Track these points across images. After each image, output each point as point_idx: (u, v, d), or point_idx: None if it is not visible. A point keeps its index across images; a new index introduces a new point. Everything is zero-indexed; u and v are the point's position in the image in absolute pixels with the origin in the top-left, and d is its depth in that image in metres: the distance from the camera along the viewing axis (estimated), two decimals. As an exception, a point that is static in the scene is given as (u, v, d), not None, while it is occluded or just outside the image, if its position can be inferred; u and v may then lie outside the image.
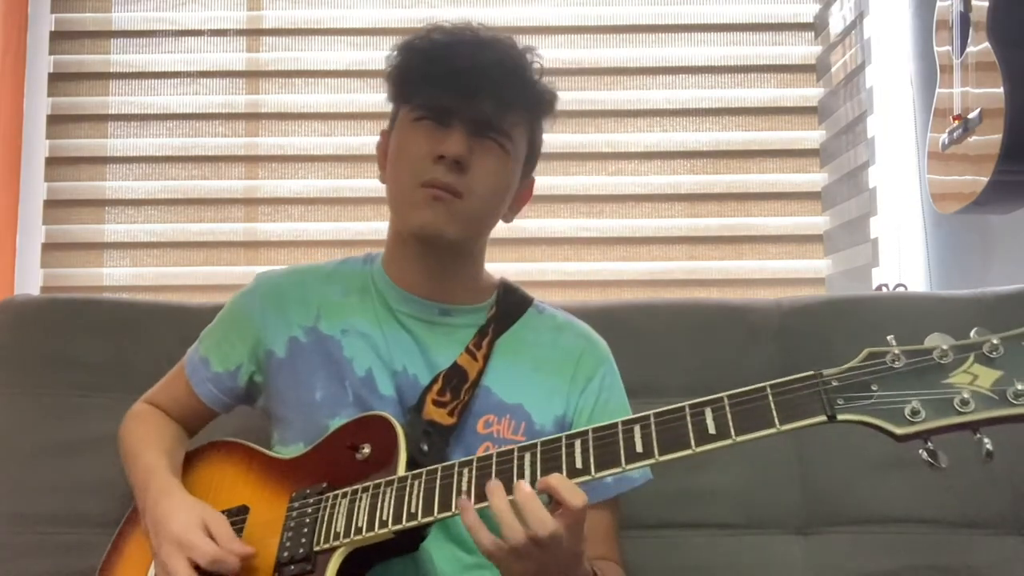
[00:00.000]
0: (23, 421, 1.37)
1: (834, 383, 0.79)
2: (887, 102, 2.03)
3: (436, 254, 1.11)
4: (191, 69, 2.22)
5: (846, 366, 0.80)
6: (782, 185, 2.17)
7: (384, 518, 0.91)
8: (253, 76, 2.23)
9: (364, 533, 0.91)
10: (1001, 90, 1.40)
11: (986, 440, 0.74)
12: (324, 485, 0.99)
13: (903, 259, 1.99)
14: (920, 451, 0.76)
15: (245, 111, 2.21)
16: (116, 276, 2.15)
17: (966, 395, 0.74)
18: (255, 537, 1.00)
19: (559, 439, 0.88)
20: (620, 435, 0.85)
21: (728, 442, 0.81)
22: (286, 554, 0.95)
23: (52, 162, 2.17)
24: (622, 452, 0.84)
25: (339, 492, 0.97)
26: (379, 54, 2.21)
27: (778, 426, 0.79)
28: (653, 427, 0.84)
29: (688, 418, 0.83)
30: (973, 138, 1.49)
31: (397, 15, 2.24)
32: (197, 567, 0.93)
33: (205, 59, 2.23)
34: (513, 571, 0.86)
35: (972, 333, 0.77)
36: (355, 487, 0.96)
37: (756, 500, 1.33)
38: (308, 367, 1.11)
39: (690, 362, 1.40)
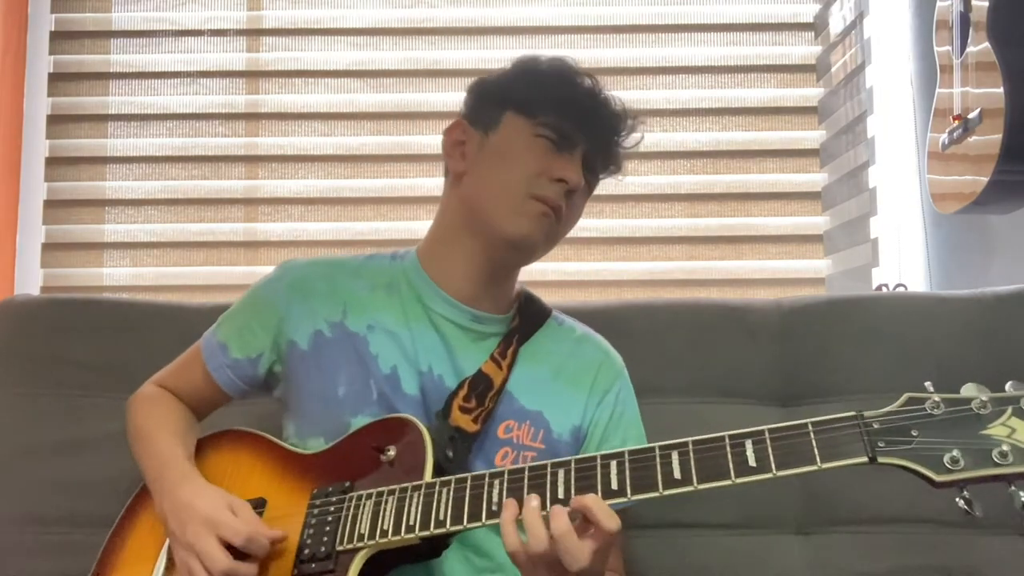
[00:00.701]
0: (23, 421, 1.37)
1: (875, 425, 0.81)
2: (887, 102, 2.03)
3: (503, 264, 1.14)
4: (191, 69, 2.22)
5: (886, 409, 0.82)
6: (782, 185, 2.17)
7: (411, 523, 0.91)
8: (253, 76, 2.23)
9: (390, 536, 0.91)
10: (1001, 90, 1.40)
11: (1022, 493, 0.77)
12: (347, 484, 0.99)
13: (903, 259, 1.99)
14: (957, 499, 0.80)
15: (245, 111, 2.21)
16: (116, 276, 2.15)
17: (1005, 448, 0.77)
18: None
19: (594, 458, 0.88)
20: (658, 460, 0.86)
21: (768, 476, 0.82)
22: (307, 551, 0.94)
23: (52, 162, 2.17)
24: (659, 477, 0.85)
25: (363, 493, 0.96)
26: (379, 54, 2.21)
27: (819, 464, 0.81)
28: (692, 454, 0.85)
29: (728, 448, 0.84)
30: (973, 138, 1.49)
31: (397, 15, 2.24)
32: (227, 547, 0.93)
33: (205, 59, 2.23)
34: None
35: (1008, 386, 0.80)
36: (380, 489, 0.95)
37: (756, 500, 1.33)
38: (332, 362, 1.11)
39: (690, 362, 1.40)
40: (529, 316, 1.18)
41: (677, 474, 0.84)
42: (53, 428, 1.36)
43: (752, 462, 0.82)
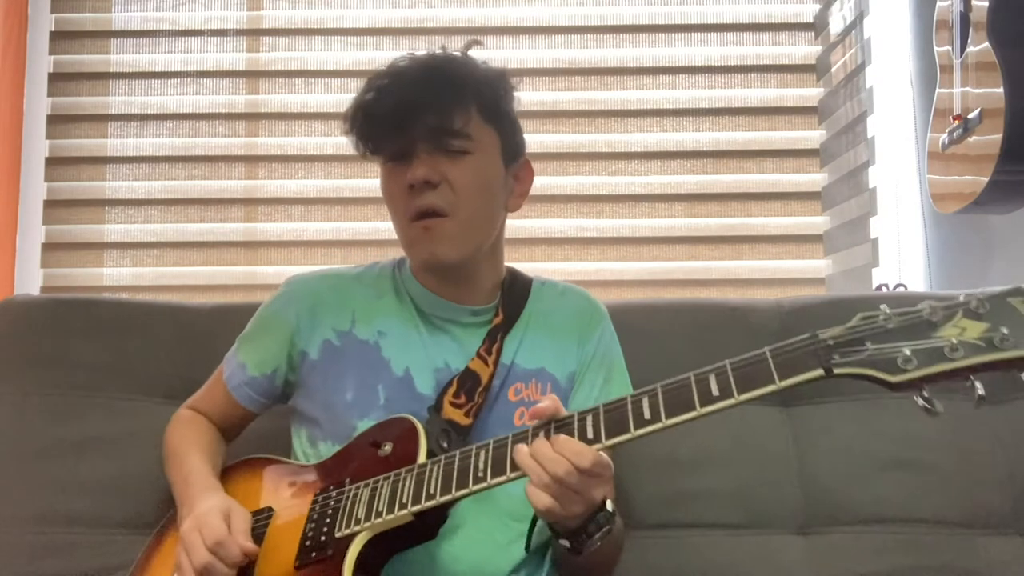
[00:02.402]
0: (23, 421, 1.37)
1: (830, 342, 0.83)
2: (887, 102, 2.03)
3: (451, 271, 1.15)
4: (191, 69, 2.22)
5: (841, 327, 0.84)
6: (782, 185, 2.17)
7: (404, 500, 0.93)
8: (253, 76, 2.23)
9: (384, 516, 0.93)
10: (1001, 90, 1.40)
11: (978, 385, 0.77)
12: (347, 480, 1.02)
13: (903, 259, 1.99)
14: (916, 398, 0.79)
15: (245, 111, 2.21)
16: (116, 276, 2.16)
17: (955, 342, 0.77)
18: (278, 535, 1.01)
19: (571, 416, 0.92)
20: (630, 405, 0.89)
21: (731, 401, 0.84)
22: (308, 543, 0.97)
23: (52, 162, 2.17)
24: (631, 419, 0.88)
25: (360, 483, 0.99)
26: (379, 54, 2.21)
27: (777, 382, 0.82)
28: (660, 396, 0.88)
29: (693, 384, 0.87)
30: (973, 138, 1.49)
31: (397, 15, 2.24)
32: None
33: (205, 59, 2.23)
34: (571, 508, 0.89)
35: (960, 296, 0.81)
36: (376, 477, 0.98)
37: (756, 500, 1.33)
38: (339, 369, 1.14)
39: (690, 362, 1.38)
40: (514, 290, 1.21)
41: (647, 414, 0.87)
42: (53, 428, 1.36)
43: (715, 391, 0.85)
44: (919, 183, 1.95)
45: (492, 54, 2.18)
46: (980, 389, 0.77)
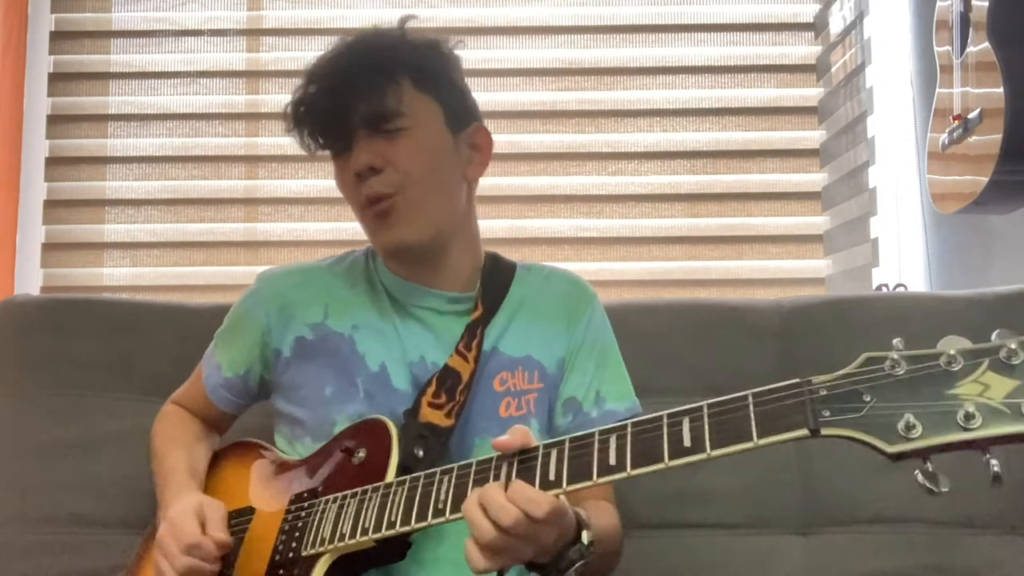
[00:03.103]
0: (23, 421, 1.37)
1: (823, 392, 0.70)
2: (887, 102, 2.03)
3: (419, 255, 1.12)
4: (191, 69, 2.22)
5: (839, 372, 0.71)
6: (782, 185, 2.17)
7: (366, 525, 0.91)
8: (253, 76, 2.23)
9: (347, 540, 0.92)
10: (1001, 90, 1.40)
11: (994, 461, 0.64)
12: (319, 488, 1.00)
13: (903, 259, 1.99)
14: (916, 472, 0.67)
15: (245, 111, 2.21)
16: (116, 276, 2.15)
17: (971, 408, 0.63)
18: (257, 537, 1.01)
19: (536, 449, 0.86)
20: (596, 446, 0.81)
21: (702, 456, 0.74)
22: (278, 557, 0.96)
23: (52, 162, 2.17)
24: (595, 465, 0.80)
25: (331, 497, 0.97)
26: (379, 54, 2.21)
27: (755, 440, 0.71)
28: (629, 438, 0.80)
29: (664, 428, 0.78)
30: (973, 138, 1.49)
31: (397, 15, 2.21)
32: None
33: (205, 59, 2.23)
34: (519, 556, 0.83)
35: (993, 336, 0.66)
36: (344, 493, 0.96)
37: (756, 500, 1.33)
38: (316, 363, 1.12)
39: (690, 362, 1.40)
40: (494, 278, 1.17)
41: (612, 460, 0.79)
42: (53, 428, 1.36)
43: (687, 442, 0.74)
44: (919, 183, 1.95)
45: (492, 54, 2.21)
46: (996, 466, 0.63)
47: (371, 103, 1.06)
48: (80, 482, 1.34)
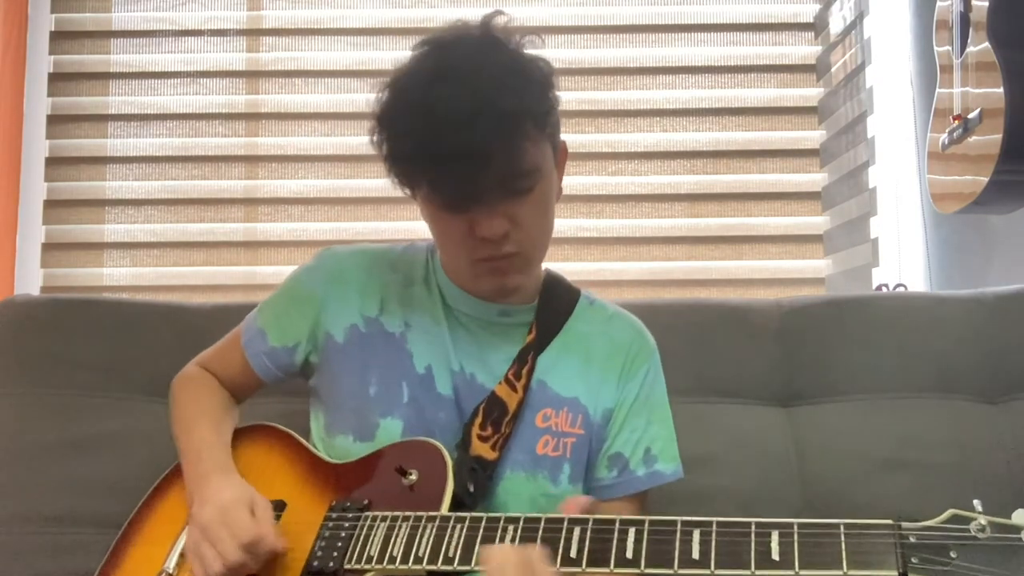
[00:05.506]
0: (23, 421, 1.37)
1: (912, 539, 0.77)
2: (887, 102, 2.03)
3: None
4: (191, 69, 2.23)
5: (926, 523, 0.78)
6: (782, 185, 2.17)
7: (420, 554, 0.89)
8: (253, 76, 2.23)
9: (398, 564, 0.89)
10: (1001, 90, 1.40)
11: None
12: (365, 502, 0.98)
13: (903, 259, 1.99)
14: None
15: (245, 111, 2.21)
16: (116, 276, 2.16)
17: None
18: (289, 536, 0.98)
19: (613, 521, 0.86)
20: (678, 534, 0.83)
21: (790, 573, 0.78)
22: (316, 563, 0.94)
23: (52, 162, 2.17)
24: (676, 554, 0.82)
25: (379, 514, 0.95)
26: (379, 54, 2.21)
27: (845, 570, 0.76)
28: (714, 535, 0.82)
29: (752, 536, 0.81)
30: (973, 138, 1.49)
31: (397, 15, 2.24)
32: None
33: (205, 59, 2.23)
34: None
35: None
36: (396, 514, 0.94)
37: (756, 500, 1.33)
38: (364, 359, 1.09)
39: (690, 362, 1.40)
40: (553, 303, 1.14)
41: (696, 554, 0.81)
42: (53, 428, 1.36)
43: (775, 555, 0.78)
44: (919, 183, 1.95)
45: (492, 54, 2.19)
46: None
47: (510, 163, 0.95)
48: (80, 482, 1.33)
